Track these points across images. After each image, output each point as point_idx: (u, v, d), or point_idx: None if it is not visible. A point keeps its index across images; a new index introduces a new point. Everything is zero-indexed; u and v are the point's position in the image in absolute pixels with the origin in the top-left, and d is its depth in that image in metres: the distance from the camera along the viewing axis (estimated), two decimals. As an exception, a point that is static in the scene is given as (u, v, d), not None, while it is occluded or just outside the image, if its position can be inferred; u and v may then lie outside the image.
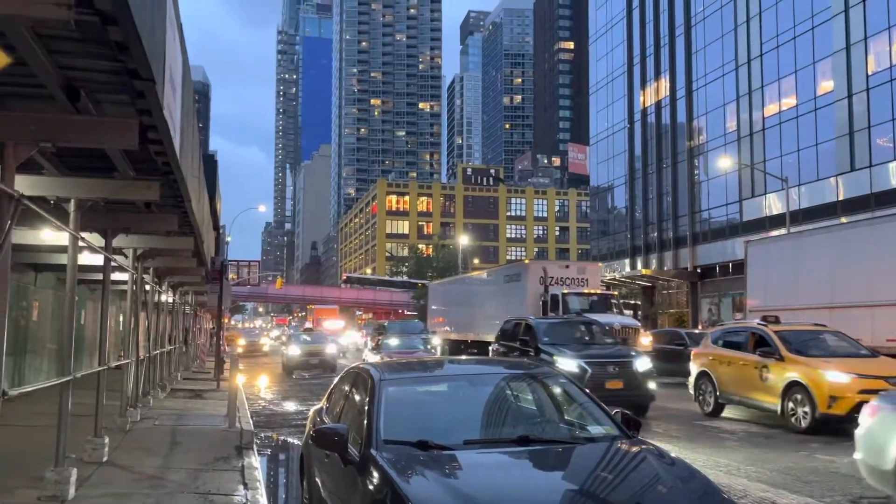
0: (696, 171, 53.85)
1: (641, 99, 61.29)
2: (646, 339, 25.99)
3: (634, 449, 4.91)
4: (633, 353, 15.91)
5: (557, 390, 5.99)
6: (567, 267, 29.95)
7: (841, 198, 39.37)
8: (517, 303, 28.48)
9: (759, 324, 14.76)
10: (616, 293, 31.97)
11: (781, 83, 44.57)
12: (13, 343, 14.97)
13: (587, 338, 16.99)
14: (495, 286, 32.20)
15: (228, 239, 46.82)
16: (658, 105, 58.82)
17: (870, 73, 38.08)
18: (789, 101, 43.91)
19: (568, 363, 14.64)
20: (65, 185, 7.97)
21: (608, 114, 66.39)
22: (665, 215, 57.17)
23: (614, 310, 27.98)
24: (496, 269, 36.55)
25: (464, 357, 17.10)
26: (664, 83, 57.97)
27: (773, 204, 44.19)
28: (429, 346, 27.31)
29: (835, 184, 40.00)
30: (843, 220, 33.64)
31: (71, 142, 6.45)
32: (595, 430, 5.30)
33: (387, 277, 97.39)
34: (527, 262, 32.22)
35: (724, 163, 45.52)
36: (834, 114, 40.35)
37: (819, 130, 41.34)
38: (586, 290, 28.18)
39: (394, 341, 26.60)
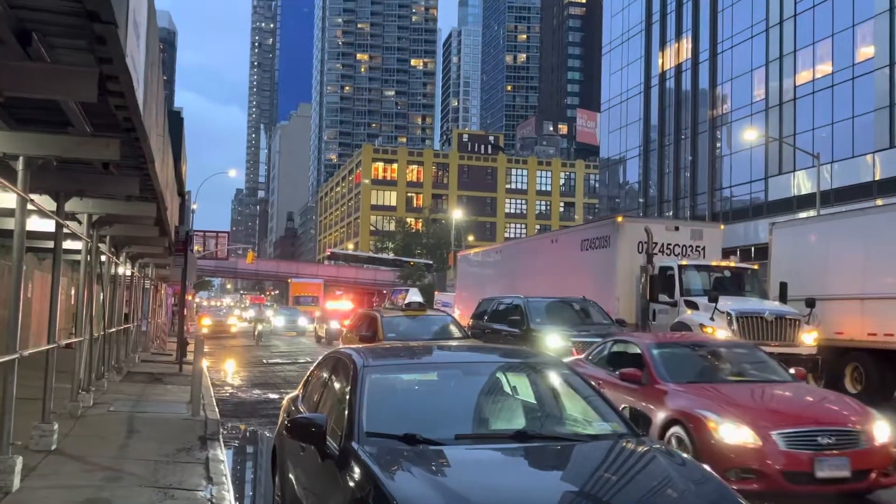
0: (718, 144, 53.91)
1: (660, 61, 61.15)
2: (809, 337, 18.26)
3: (642, 448, 4.96)
4: None
5: (559, 382, 6.03)
6: (676, 229, 23.42)
7: (878, 177, 39.48)
8: (603, 279, 22.72)
9: None
10: (756, 266, 23.88)
11: (816, 48, 44.52)
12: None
13: None
14: (566, 255, 25.66)
15: (195, 207, 46.71)
16: (678, 69, 58.71)
17: (915, 38, 38.14)
18: (824, 69, 43.89)
19: None
20: (13, 141, 7.90)
21: (622, 77, 66.25)
22: (682, 192, 57.29)
23: (753, 291, 20.63)
24: (567, 232, 29.77)
25: (454, 343, 16.94)
26: (686, 44, 57.83)
27: (802, 182, 44.32)
28: None
29: (871, 161, 40.09)
30: (880, 201, 33.74)
31: (21, 91, 6.40)
32: (600, 426, 5.35)
33: (377, 255, 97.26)
34: (619, 219, 24.50)
35: (750, 135, 45.48)
36: (873, 83, 40.35)
37: (856, 102, 41.38)
38: (714, 263, 21.64)
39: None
